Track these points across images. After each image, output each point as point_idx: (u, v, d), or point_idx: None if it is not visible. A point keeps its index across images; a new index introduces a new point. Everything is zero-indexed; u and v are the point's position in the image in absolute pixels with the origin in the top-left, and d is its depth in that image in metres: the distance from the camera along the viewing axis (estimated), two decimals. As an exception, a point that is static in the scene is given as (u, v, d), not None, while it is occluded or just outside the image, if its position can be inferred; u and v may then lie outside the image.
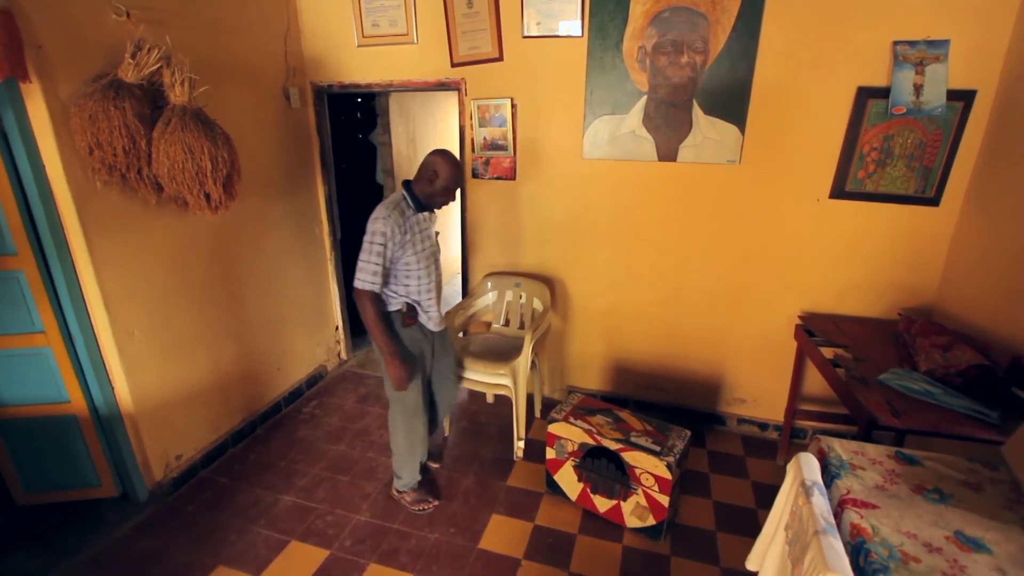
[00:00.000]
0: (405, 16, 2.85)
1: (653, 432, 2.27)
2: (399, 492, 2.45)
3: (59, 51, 1.90)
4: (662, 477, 2.11)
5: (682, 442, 2.22)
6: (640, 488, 2.18)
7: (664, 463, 2.09)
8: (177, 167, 2.04)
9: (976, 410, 1.73)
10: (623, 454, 2.18)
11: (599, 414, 2.38)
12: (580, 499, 2.39)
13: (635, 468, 2.17)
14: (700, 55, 2.48)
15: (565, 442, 2.33)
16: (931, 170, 2.37)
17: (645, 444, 2.18)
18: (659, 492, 2.14)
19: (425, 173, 2.09)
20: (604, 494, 2.29)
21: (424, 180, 2.10)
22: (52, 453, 2.29)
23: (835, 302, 2.65)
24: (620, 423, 2.32)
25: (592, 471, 2.30)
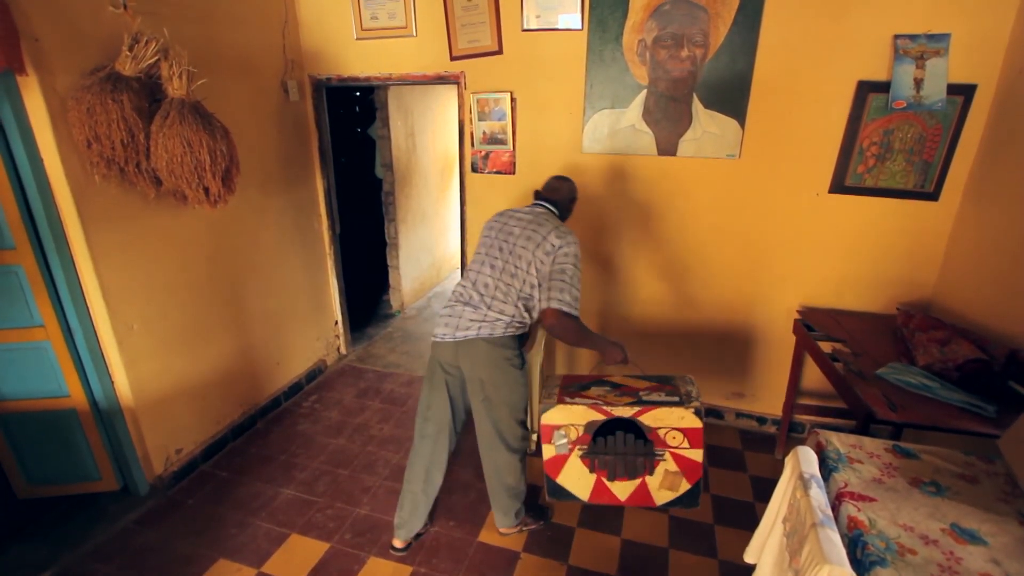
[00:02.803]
0: (404, 9, 2.83)
1: (659, 386, 2.00)
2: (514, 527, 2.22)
3: (56, 43, 1.89)
4: (692, 428, 1.85)
5: (694, 387, 1.99)
6: (667, 451, 1.90)
7: (691, 411, 1.84)
8: (176, 161, 2.03)
9: (973, 404, 1.74)
10: (641, 418, 1.88)
11: (593, 386, 2.03)
12: (595, 495, 2.01)
13: (658, 430, 1.88)
14: (700, 48, 2.47)
15: (566, 429, 1.93)
16: (931, 165, 2.37)
17: (662, 399, 1.90)
18: (691, 448, 1.88)
19: (570, 196, 2.11)
20: (625, 476, 1.96)
21: (569, 202, 2.12)
22: (52, 447, 2.29)
23: (834, 296, 2.66)
24: (621, 388, 2.02)
25: (607, 453, 1.94)
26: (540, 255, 1.82)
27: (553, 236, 1.84)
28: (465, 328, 1.87)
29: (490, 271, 1.90)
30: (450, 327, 1.90)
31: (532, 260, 1.83)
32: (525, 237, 1.87)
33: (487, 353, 1.87)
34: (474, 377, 1.93)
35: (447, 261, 5.52)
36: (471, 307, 1.89)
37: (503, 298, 1.87)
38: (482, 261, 1.93)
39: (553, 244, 1.82)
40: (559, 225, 1.92)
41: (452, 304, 1.95)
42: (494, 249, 1.92)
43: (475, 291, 1.91)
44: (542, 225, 1.88)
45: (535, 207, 2.02)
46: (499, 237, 1.93)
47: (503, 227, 1.95)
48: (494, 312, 1.86)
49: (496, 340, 1.87)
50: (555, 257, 1.82)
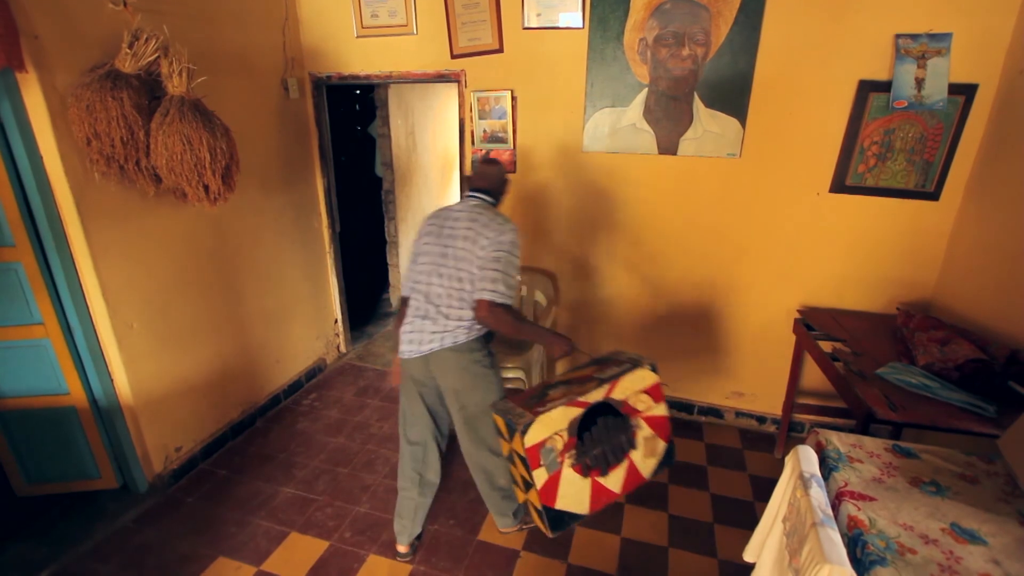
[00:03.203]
0: (405, 7, 2.82)
1: (604, 366, 1.95)
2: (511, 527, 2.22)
3: (56, 41, 1.88)
4: (652, 386, 1.87)
5: (632, 353, 1.98)
6: (640, 418, 1.88)
7: (648, 368, 1.86)
8: (175, 158, 2.02)
9: (973, 404, 1.74)
10: (612, 394, 1.82)
11: (549, 391, 1.86)
12: (594, 501, 1.82)
13: (627, 401, 1.85)
14: (701, 47, 2.46)
15: (551, 441, 1.72)
16: (931, 164, 2.36)
17: (619, 370, 1.87)
18: (656, 404, 1.89)
19: (500, 178, 2.02)
20: (616, 463, 1.85)
21: (501, 184, 2.02)
22: (52, 445, 2.29)
23: (834, 296, 2.66)
24: (572, 381, 1.91)
25: (595, 447, 1.82)
26: (479, 252, 1.78)
27: (488, 230, 1.80)
28: (429, 342, 1.85)
29: (439, 280, 1.85)
30: (414, 343, 1.87)
31: (474, 260, 1.79)
32: (463, 238, 1.82)
33: (455, 361, 1.86)
34: (447, 387, 1.91)
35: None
36: (430, 320, 1.85)
37: (459, 305, 1.83)
38: (429, 271, 1.87)
39: (488, 238, 1.78)
40: (495, 216, 1.86)
41: (411, 319, 1.90)
42: (437, 256, 1.86)
43: (430, 303, 1.86)
44: (476, 221, 1.83)
45: (468, 200, 1.94)
46: (439, 242, 1.86)
47: (440, 230, 1.88)
48: (453, 321, 1.83)
49: (461, 347, 1.85)
50: (487, 247, 1.78)
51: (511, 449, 1.76)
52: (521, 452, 1.68)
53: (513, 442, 1.72)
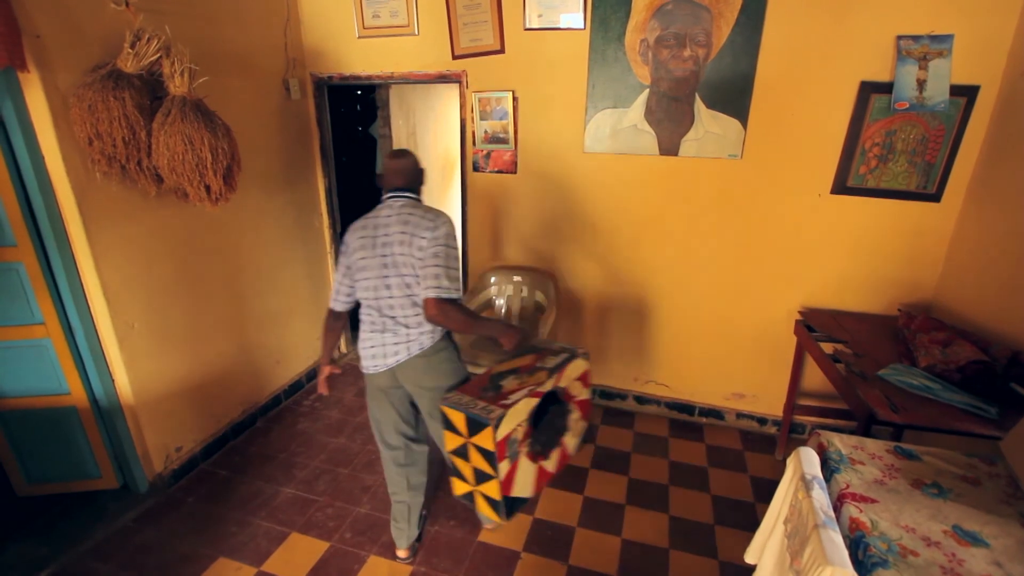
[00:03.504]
0: (406, 7, 2.82)
1: (541, 354, 1.99)
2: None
3: (58, 40, 1.88)
4: (584, 373, 1.97)
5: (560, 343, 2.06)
6: (573, 402, 1.97)
7: (583, 358, 1.96)
8: (177, 158, 2.03)
9: (975, 406, 1.74)
10: (559, 383, 1.90)
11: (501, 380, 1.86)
12: (538, 482, 1.89)
13: (568, 388, 1.93)
14: (703, 48, 2.46)
15: (515, 431, 1.73)
16: (933, 166, 2.36)
17: (560, 360, 1.93)
18: (584, 388, 1.98)
19: (416, 168, 1.90)
20: (554, 446, 1.94)
21: (419, 174, 1.91)
22: (52, 444, 2.29)
23: (835, 297, 2.65)
24: (520, 370, 1.91)
25: (543, 435, 1.91)
26: (418, 253, 1.72)
27: (422, 228, 1.73)
28: (394, 355, 1.82)
29: (387, 292, 1.78)
30: (378, 358, 1.84)
31: (415, 261, 1.73)
32: (399, 243, 1.74)
33: (425, 366, 1.84)
34: (419, 391, 1.89)
35: (448, 260, 5.51)
36: (389, 333, 1.81)
37: (415, 312, 1.78)
38: (376, 285, 1.78)
39: (424, 237, 1.71)
40: (425, 212, 1.78)
41: (369, 335, 1.85)
42: (378, 268, 1.77)
43: (385, 317, 1.81)
44: (408, 223, 1.75)
45: (392, 202, 1.82)
46: (376, 253, 1.77)
47: (374, 240, 1.77)
48: (415, 329, 1.80)
49: (428, 351, 1.83)
50: (428, 241, 1.71)
51: (467, 443, 1.73)
52: (490, 447, 1.67)
53: (478, 437, 1.69)
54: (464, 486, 1.84)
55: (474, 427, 1.69)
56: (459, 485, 1.86)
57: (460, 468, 1.82)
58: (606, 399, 3.23)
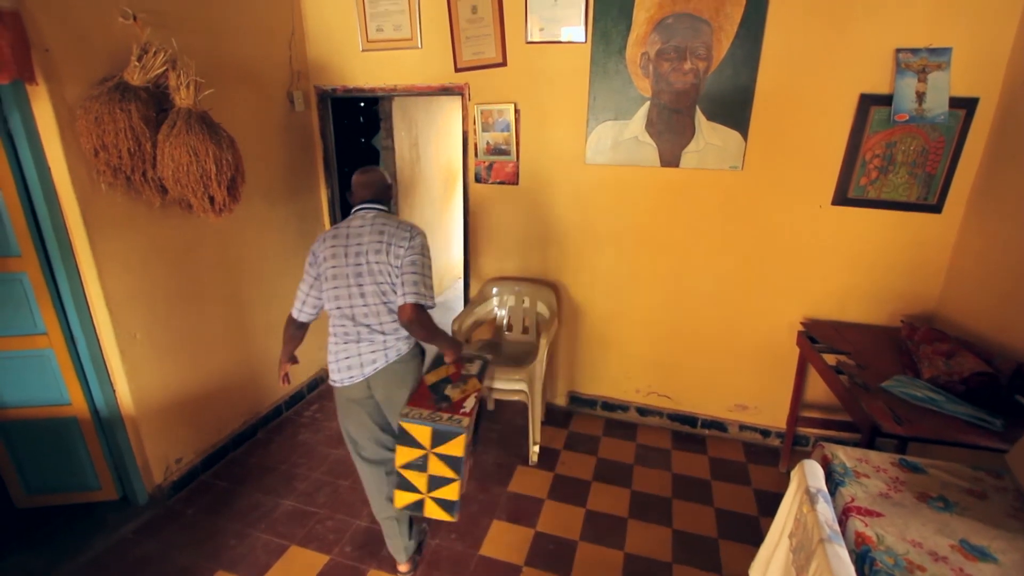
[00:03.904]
0: (409, 21, 2.86)
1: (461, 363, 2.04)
2: None
3: (66, 54, 1.91)
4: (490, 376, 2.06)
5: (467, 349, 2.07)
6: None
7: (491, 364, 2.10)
8: (182, 169, 2.04)
9: (979, 418, 1.73)
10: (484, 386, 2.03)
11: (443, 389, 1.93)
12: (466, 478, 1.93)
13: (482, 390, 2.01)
14: (703, 61, 2.49)
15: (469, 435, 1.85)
16: (933, 177, 2.37)
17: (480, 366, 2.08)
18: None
19: (385, 183, 1.95)
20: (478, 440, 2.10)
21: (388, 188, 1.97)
22: (52, 455, 2.28)
23: (837, 308, 2.65)
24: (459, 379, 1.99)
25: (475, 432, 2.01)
26: (395, 260, 1.76)
27: (399, 237, 1.77)
28: (372, 363, 1.83)
29: (362, 300, 1.79)
30: (354, 368, 1.84)
31: (391, 269, 1.76)
32: (374, 251, 1.76)
33: (402, 373, 1.87)
34: (390, 400, 1.89)
35: (449, 271, 5.53)
36: (365, 342, 1.83)
37: (390, 317, 1.81)
38: (348, 294, 1.79)
39: (402, 245, 1.76)
40: (400, 222, 1.83)
41: (342, 346, 1.85)
42: (351, 277, 1.78)
43: (360, 325, 1.81)
44: (384, 232, 1.78)
45: (363, 214, 1.85)
46: (351, 261, 1.78)
47: (347, 249, 1.79)
48: (391, 336, 1.83)
49: (405, 357, 1.87)
50: (405, 251, 1.76)
51: (428, 454, 1.79)
52: (459, 453, 1.77)
53: (446, 447, 1.77)
54: (410, 496, 1.86)
55: (441, 438, 1.77)
56: (403, 497, 1.87)
57: (411, 479, 1.84)
58: (608, 410, 3.21)
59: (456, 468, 1.80)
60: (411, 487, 1.86)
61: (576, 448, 2.92)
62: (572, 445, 2.95)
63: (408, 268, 1.75)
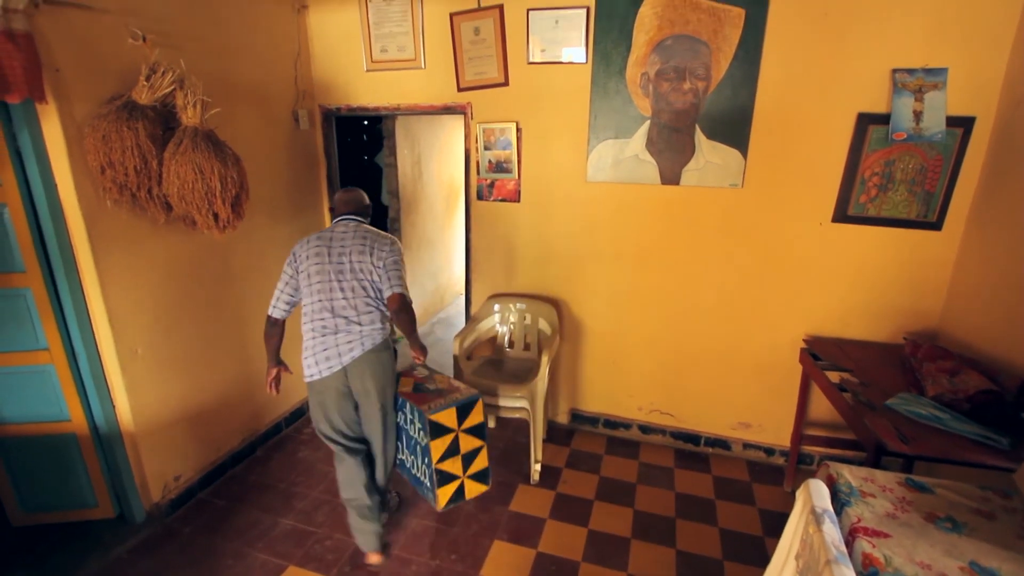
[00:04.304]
0: (413, 42, 2.91)
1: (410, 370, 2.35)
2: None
3: (76, 73, 1.94)
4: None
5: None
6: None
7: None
8: (187, 187, 2.06)
9: (986, 436, 1.71)
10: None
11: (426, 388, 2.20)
12: None
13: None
14: (702, 81, 2.52)
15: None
16: (932, 195, 2.38)
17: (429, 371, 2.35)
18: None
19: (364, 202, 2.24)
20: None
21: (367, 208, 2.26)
22: (50, 473, 2.26)
23: (839, 325, 2.64)
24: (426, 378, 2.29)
25: None
26: (377, 262, 2.01)
27: (380, 242, 2.05)
28: (348, 352, 2.00)
29: (341, 294, 2.00)
30: (332, 359, 2.00)
31: (373, 268, 2.01)
32: (358, 252, 2.01)
33: (376, 362, 2.05)
34: (367, 388, 2.05)
35: (451, 287, 5.54)
36: (343, 332, 2.00)
37: (367, 310, 2.02)
38: (329, 288, 1.99)
39: (384, 248, 2.04)
40: (378, 231, 2.12)
41: (320, 339, 2.00)
42: (334, 274, 2.00)
43: (339, 317, 2.00)
44: (367, 237, 2.05)
45: (347, 223, 2.12)
46: (334, 260, 2.01)
47: (330, 250, 2.02)
48: (367, 327, 2.02)
49: (379, 346, 2.06)
50: (386, 255, 2.03)
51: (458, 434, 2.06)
52: (481, 418, 2.11)
53: (470, 417, 2.09)
54: (451, 488, 2.08)
55: (465, 411, 2.08)
56: (445, 492, 2.06)
57: (448, 470, 2.07)
58: (610, 428, 3.19)
59: (481, 434, 2.12)
60: (450, 477, 2.07)
61: (578, 466, 2.89)
62: (574, 463, 2.92)
63: (392, 267, 2.02)
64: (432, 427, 1.98)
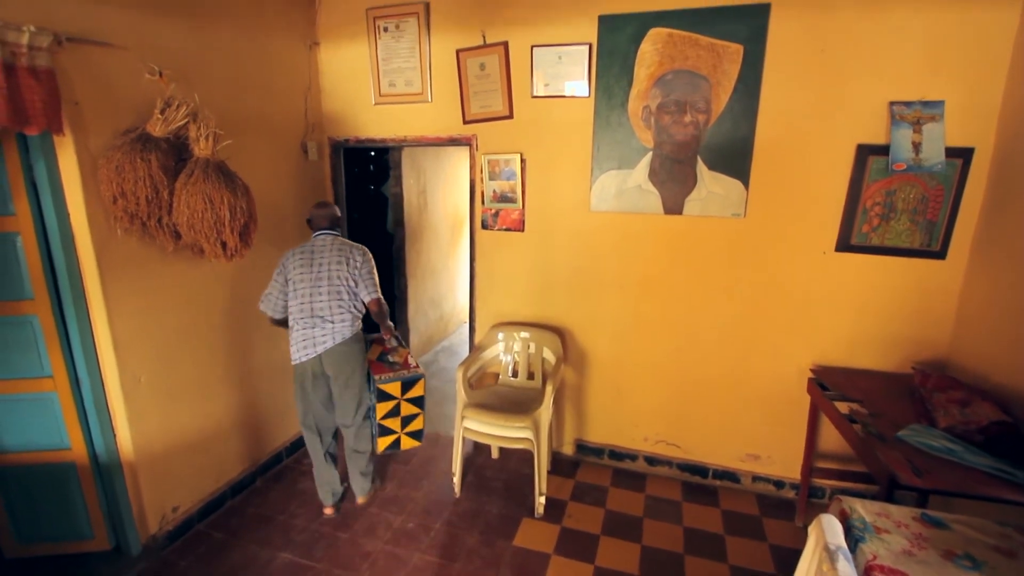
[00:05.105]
0: (421, 77, 3.00)
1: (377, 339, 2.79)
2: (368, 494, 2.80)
3: (93, 107, 2.00)
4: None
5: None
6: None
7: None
8: (196, 216, 2.10)
9: (1001, 469, 1.67)
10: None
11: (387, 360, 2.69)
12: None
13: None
14: (703, 114, 2.57)
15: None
16: (935, 224, 2.39)
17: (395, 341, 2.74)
18: None
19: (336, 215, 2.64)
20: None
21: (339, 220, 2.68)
22: (47, 503, 2.23)
23: (846, 355, 2.62)
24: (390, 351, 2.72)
25: None
26: (353, 270, 2.47)
27: (354, 253, 2.51)
28: (323, 343, 2.44)
29: (320, 297, 2.43)
30: (308, 347, 2.44)
31: (348, 275, 2.46)
32: (336, 262, 2.46)
33: (346, 353, 2.49)
34: (338, 375, 2.50)
35: (455, 316, 5.54)
36: (319, 328, 2.44)
37: (340, 311, 2.46)
38: (311, 293, 2.43)
39: (357, 260, 2.49)
40: (352, 243, 2.57)
41: (301, 331, 2.44)
42: (314, 280, 2.43)
43: (316, 316, 2.44)
44: (343, 250, 2.50)
45: (325, 237, 2.54)
46: (316, 271, 2.44)
47: (312, 260, 2.46)
48: (339, 324, 2.45)
49: (349, 340, 2.48)
50: (361, 266, 2.49)
51: (400, 401, 2.60)
52: (422, 392, 2.64)
53: (413, 390, 2.61)
54: (389, 439, 2.65)
55: (408, 385, 2.60)
56: (384, 441, 2.65)
57: (389, 425, 2.63)
58: (615, 459, 3.13)
59: (421, 405, 2.66)
60: (389, 431, 2.63)
61: (583, 499, 2.83)
62: (579, 496, 2.86)
63: (367, 276, 2.50)
64: (379, 393, 2.55)
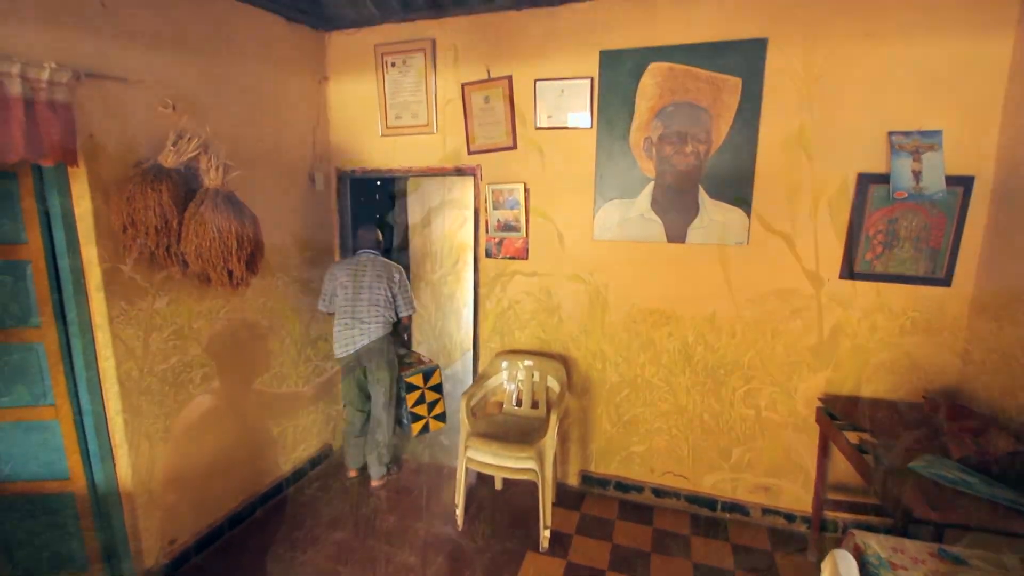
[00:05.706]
0: (427, 110, 3.07)
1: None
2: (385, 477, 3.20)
3: (108, 139, 2.05)
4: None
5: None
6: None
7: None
8: (204, 245, 2.12)
9: (1019, 502, 1.62)
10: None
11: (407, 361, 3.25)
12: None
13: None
14: (703, 145, 2.61)
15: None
16: (938, 251, 2.39)
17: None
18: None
19: (378, 238, 3.17)
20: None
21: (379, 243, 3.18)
22: (43, 534, 2.19)
23: (854, 383, 2.58)
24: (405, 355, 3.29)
25: None
26: (389, 284, 3.00)
27: (392, 271, 3.03)
28: (360, 341, 2.95)
29: (360, 304, 2.95)
30: (348, 345, 2.96)
31: (386, 289, 2.98)
32: (375, 276, 2.98)
33: (380, 349, 2.98)
34: (373, 369, 2.99)
35: (459, 344, 5.52)
36: (356, 329, 2.95)
37: (375, 315, 2.96)
38: (354, 298, 2.95)
39: (395, 277, 3.03)
40: (389, 263, 3.06)
41: (342, 331, 2.96)
42: (356, 290, 2.95)
43: (355, 319, 2.95)
44: (382, 268, 3.01)
45: (367, 255, 3.05)
46: (358, 283, 2.96)
47: (355, 276, 2.97)
48: (373, 325, 2.95)
49: (381, 339, 2.97)
50: (397, 283, 3.02)
51: (424, 391, 3.17)
52: (438, 380, 3.23)
53: (432, 379, 3.20)
54: (419, 424, 3.17)
55: (428, 375, 3.19)
56: (416, 427, 3.16)
57: (418, 412, 3.16)
58: (622, 491, 3.06)
59: (440, 391, 3.26)
60: (418, 417, 3.16)
61: (589, 533, 2.76)
62: (585, 529, 2.78)
63: (402, 293, 3.04)
64: (407, 386, 3.10)
